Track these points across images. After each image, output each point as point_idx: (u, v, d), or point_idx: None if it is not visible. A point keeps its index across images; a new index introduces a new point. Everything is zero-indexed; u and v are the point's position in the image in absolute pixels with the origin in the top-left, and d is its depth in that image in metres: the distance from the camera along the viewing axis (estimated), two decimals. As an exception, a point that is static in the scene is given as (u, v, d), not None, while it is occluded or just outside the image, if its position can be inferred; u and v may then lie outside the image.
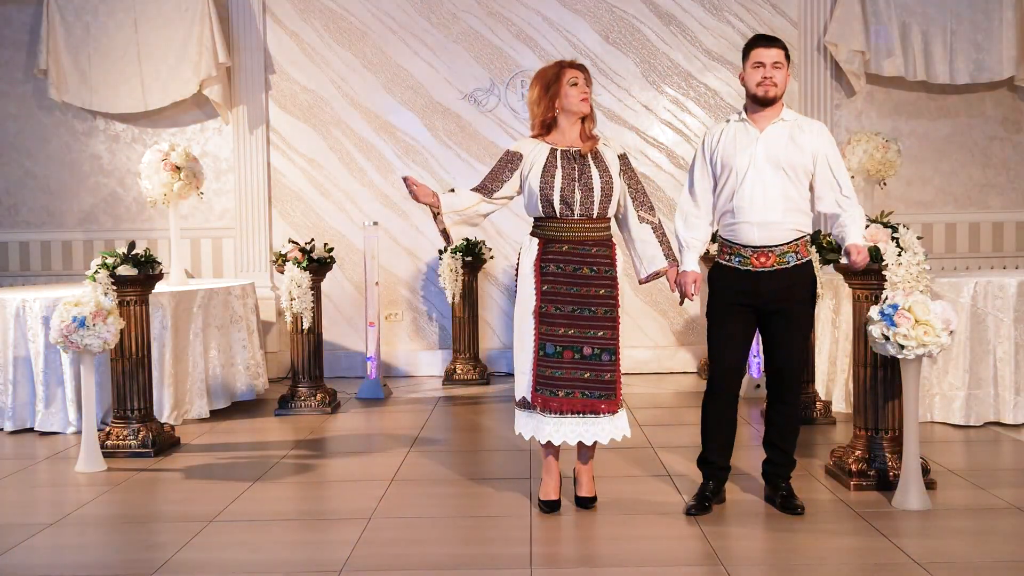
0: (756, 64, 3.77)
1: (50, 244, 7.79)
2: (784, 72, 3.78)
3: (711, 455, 3.96)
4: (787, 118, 3.81)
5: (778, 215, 3.73)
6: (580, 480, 4.02)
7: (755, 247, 3.76)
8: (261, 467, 4.78)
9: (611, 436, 3.87)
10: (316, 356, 6.27)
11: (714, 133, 3.90)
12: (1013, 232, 7.64)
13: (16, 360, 5.62)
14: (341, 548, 3.54)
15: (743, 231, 3.77)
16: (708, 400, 3.96)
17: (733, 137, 3.82)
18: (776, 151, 3.75)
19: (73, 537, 3.78)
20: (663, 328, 7.57)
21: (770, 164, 3.74)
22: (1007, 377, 5.39)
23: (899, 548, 3.42)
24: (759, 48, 3.79)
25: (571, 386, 3.82)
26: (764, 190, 3.73)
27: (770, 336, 3.87)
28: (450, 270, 7.06)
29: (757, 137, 3.78)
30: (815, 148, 3.77)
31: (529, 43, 7.54)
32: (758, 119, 3.81)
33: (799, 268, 3.79)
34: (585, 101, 3.87)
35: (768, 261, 3.76)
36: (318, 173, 7.66)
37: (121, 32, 7.45)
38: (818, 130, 3.82)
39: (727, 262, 3.84)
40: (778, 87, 3.76)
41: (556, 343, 3.82)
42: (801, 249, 3.79)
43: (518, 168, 3.90)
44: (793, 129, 3.79)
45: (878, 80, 7.48)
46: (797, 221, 3.77)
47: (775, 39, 3.84)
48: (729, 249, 3.84)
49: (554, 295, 3.82)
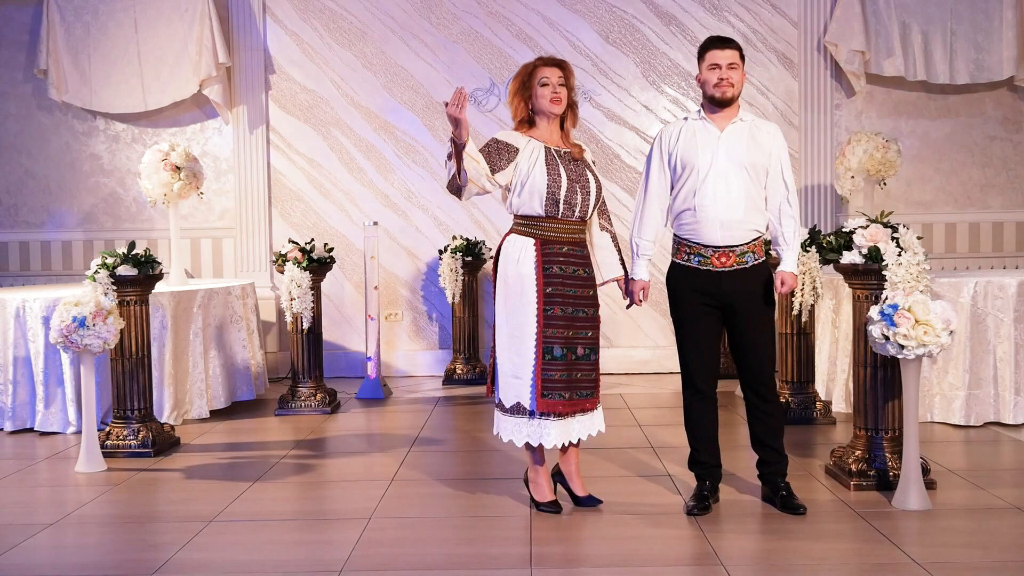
0: (712, 66, 3.81)
1: (50, 244, 7.79)
2: (740, 72, 3.82)
3: (701, 455, 3.97)
4: (745, 118, 3.86)
5: (740, 214, 3.77)
6: (574, 481, 4.00)
7: (716, 247, 3.78)
8: (261, 467, 4.78)
9: (589, 432, 3.91)
10: (316, 356, 6.27)
11: (672, 132, 3.91)
12: (1013, 232, 7.64)
13: (16, 360, 5.62)
14: (341, 548, 3.54)
15: (705, 230, 3.79)
16: (688, 403, 3.98)
17: (693, 136, 3.84)
18: (739, 150, 3.79)
19: (73, 537, 3.78)
20: (663, 328, 7.57)
21: (733, 163, 3.78)
22: (1007, 377, 5.39)
23: (899, 548, 3.42)
24: (714, 50, 3.82)
25: (571, 388, 3.82)
26: (727, 189, 3.76)
27: (739, 338, 3.89)
28: (450, 270, 7.06)
29: (718, 136, 3.81)
30: (772, 149, 3.83)
31: (529, 43, 7.54)
32: (717, 119, 3.84)
33: (756, 268, 3.84)
34: (556, 102, 3.81)
35: (728, 261, 3.79)
36: (318, 173, 7.66)
37: (121, 32, 7.46)
38: (774, 131, 3.88)
39: (686, 262, 3.86)
40: (735, 87, 3.80)
41: (560, 345, 3.80)
42: (758, 249, 3.84)
43: (515, 160, 3.77)
44: (752, 129, 3.84)
45: (878, 80, 7.48)
46: (756, 221, 3.82)
47: (729, 40, 3.88)
48: (688, 249, 3.85)
49: (558, 297, 3.79)
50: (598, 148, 7.57)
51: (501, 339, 3.85)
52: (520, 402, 3.82)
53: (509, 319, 3.82)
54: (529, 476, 4.00)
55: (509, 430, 3.86)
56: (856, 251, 4.20)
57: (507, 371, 3.84)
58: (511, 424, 3.85)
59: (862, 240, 4.20)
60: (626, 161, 7.57)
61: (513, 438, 3.85)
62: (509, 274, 3.81)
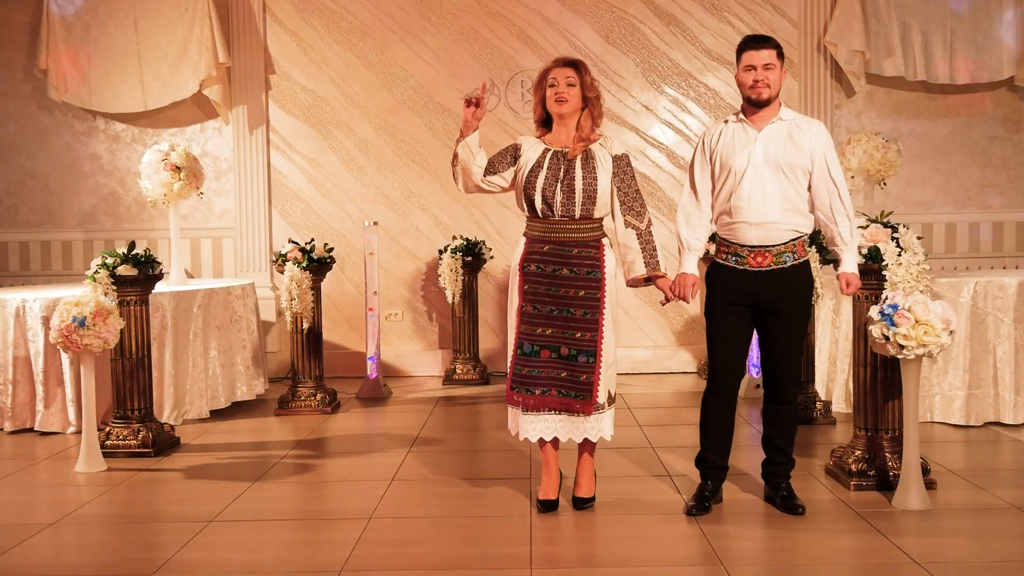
0: (748, 67, 3.78)
1: (50, 244, 7.78)
2: (777, 72, 3.78)
3: (710, 455, 3.97)
4: (785, 117, 3.81)
5: (776, 215, 3.74)
6: (578, 481, 4.02)
7: (752, 247, 3.77)
8: (261, 467, 4.78)
9: (586, 435, 3.86)
10: (316, 356, 6.27)
11: (713, 133, 3.91)
12: (1013, 232, 7.64)
13: (16, 360, 5.61)
14: (341, 548, 3.54)
15: (740, 231, 3.78)
16: (708, 399, 3.96)
17: (732, 137, 3.83)
18: (774, 151, 3.75)
19: (73, 537, 3.78)
20: (663, 328, 7.57)
21: (768, 164, 3.74)
22: (1007, 377, 5.39)
23: (899, 548, 3.42)
24: (750, 51, 3.79)
25: (548, 384, 3.82)
26: (762, 190, 3.73)
27: (767, 336, 3.87)
28: (450, 270, 7.06)
29: (755, 137, 3.78)
30: (813, 148, 3.77)
31: (529, 43, 7.54)
32: (756, 119, 3.82)
33: (796, 268, 3.80)
34: (561, 103, 3.83)
35: (765, 261, 3.77)
36: (318, 173, 7.66)
37: (121, 32, 7.45)
38: (816, 130, 3.81)
39: (725, 261, 3.86)
40: (771, 88, 3.76)
41: (534, 342, 3.84)
42: (798, 249, 3.80)
43: (515, 162, 3.94)
44: (792, 128, 3.79)
45: (878, 80, 7.48)
46: (795, 222, 3.78)
47: (766, 39, 3.84)
48: (727, 248, 3.85)
49: (534, 295, 3.84)
50: (598, 148, 7.56)
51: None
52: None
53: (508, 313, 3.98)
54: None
55: (509, 419, 3.99)
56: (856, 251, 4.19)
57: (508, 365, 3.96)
58: (509, 413, 3.98)
59: (862, 240, 4.20)
60: (626, 161, 7.56)
61: (510, 427, 3.98)
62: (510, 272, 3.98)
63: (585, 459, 4.00)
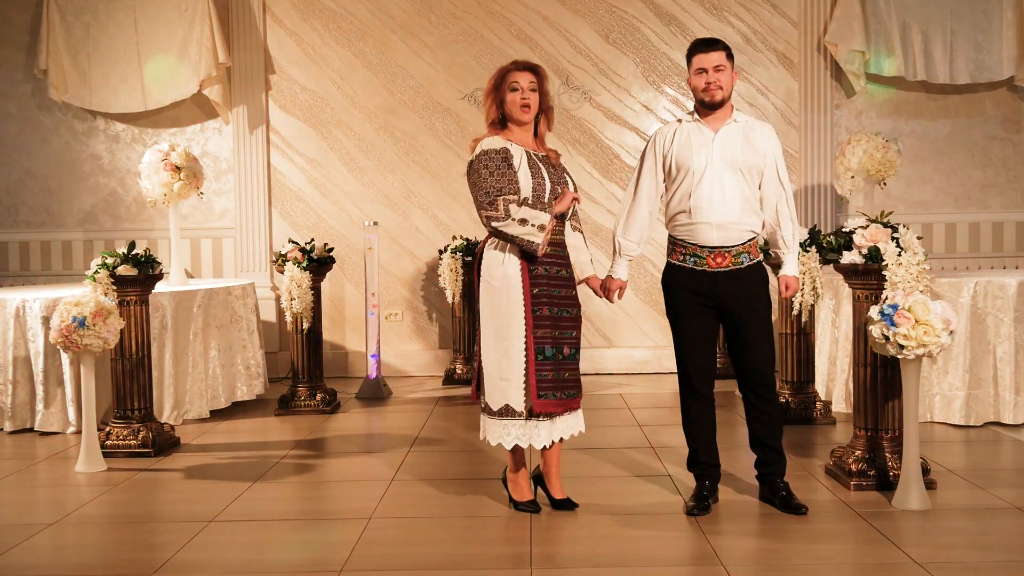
0: (699, 70, 3.82)
1: (50, 244, 7.79)
2: (728, 73, 3.82)
3: (701, 456, 3.98)
4: (739, 119, 3.86)
5: (735, 215, 3.78)
6: (552, 482, 3.98)
7: (712, 247, 3.79)
8: (261, 467, 4.78)
9: (573, 432, 3.91)
10: (316, 356, 6.27)
11: (666, 134, 3.92)
12: (1013, 232, 7.64)
13: (16, 360, 5.62)
14: (341, 548, 3.54)
15: (700, 231, 3.80)
16: (686, 403, 3.98)
17: (687, 138, 3.85)
18: (732, 152, 3.79)
19: (73, 537, 3.78)
20: (663, 328, 7.56)
21: (727, 165, 3.78)
22: (1007, 377, 5.39)
23: (899, 548, 3.42)
24: (699, 54, 3.83)
25: (559, 387, 3.82)
26: (722, 190, 3.77)
27: (736, 338, 3.89)
28: (450, 270, 7.06)
29: (712, 138, 3.81)
30: (767, 149, 3.84)
31: (529, 43, 7.54)
32: (710, 120, 3.85)
33: (752, 268, 3.85)
34: (527, 109, 3.79)
35: (724, 261, 3.80)
36: (318, 173, 7.66)
37: (121, 32, 7.45)
38: (768, 132, 3.88)
39: (681, 262, 3.87)
40: (723, 90, 3.80)
41: (551, 345, 3.80)
42: (753, 250, 3.85)
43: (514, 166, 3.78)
44: (746, 130, 3.84)
45: (878, 80, 7.48)
46: (751, 222, 3.83)
47: (715, 42, 3.87)
48: (684, 249, 3.86)
49: (545, 297, 3.80)
50: (598, 148, 7.57)
51: (487, 342, 3.81)
52: (509, 404, 3.78)
53: (495, 321, 3.79)
54: (508, 476, 3.99)
55: (497, 433, 3.81)
56: (856, 251, 4.20)
57: (493, 374, 3.80)
58: (499, 427, 3.81)
59: (862, 240, 4.20)
60: (626, 161, 7.57)
61: (502, 441, 3.80)
62: (494, 276, 3.79)
63: (558, 458, 3.97)
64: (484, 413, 3.87)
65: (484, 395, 3.86)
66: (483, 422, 3.88)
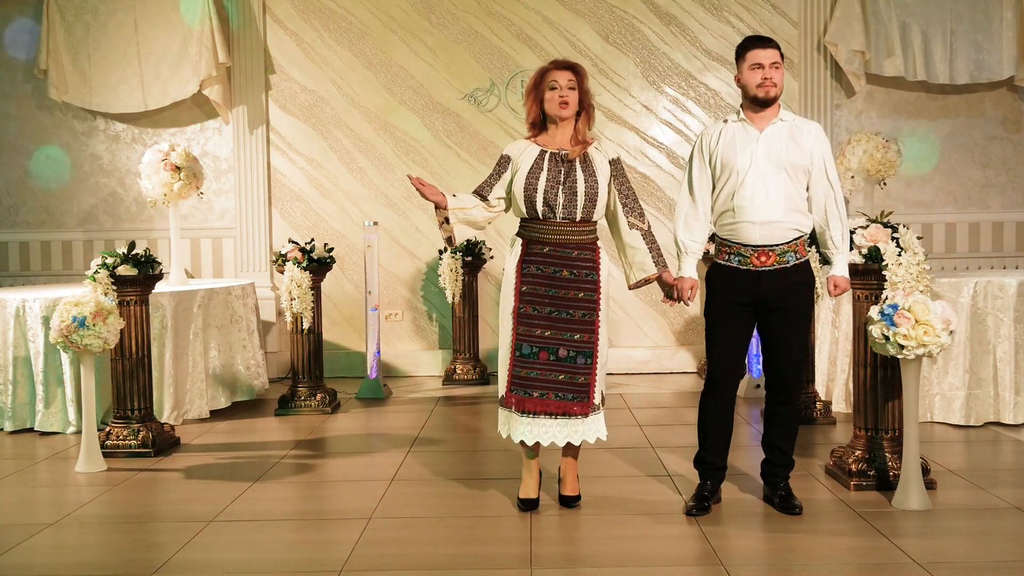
0: (755, 66, 3.78)
1: (50, 244, 7.78)
2: (782, 72, 3.80)
3: (708, 455, 3.97)
4: (785, 118, 3.83)
5: (779, 214, 3.74)
6: (564, 479, 4.03)
7: (756, 246, 3.77)
8: (261, 467, 4.78)
9: (584, 437, 3.87)
10: (316, 356, 6.27)
11: (712, 133, 3.90)
12: (1013, 232, 7.64)
13: (16, 360, 5.62)
14: (341, 548, 3.54)
15: (744, 230, 3.78)
16: (706, 399, 3.96)
17: (732, 137, 3.83)
18: (777, 151, 3.76)
19: (73, 537, 3.78)
20: (663, 328, 7.57)
21: (771, 164, 3.75)
22: (1007, 377, 5.39)
23: (899, 548, 3.42)
24: (756, 49, 3.80)
25: (545, 387, 3.82)
26: (766, 190, 3.74)
27: (770, 336, 3.87)
28: (450, 270, 7.06)
29: (757, 137, 3.79)
30: (814, 149, 3.80)
31: (529, 43, 7.54)
32: (756, 119, 3.82)
33: (798, 268, 3.81)
34: (565, 106, 3.83)
35: (768, 260, 3.77)
36: (318, 173, 7.66)
37: (121, 32, 7.45)
38: (816, 131, 3.84)
39: (726, 262, 3.85)
40: (778, 87, 3.77)
41: (533, 344, 3.82)
42: (799, 249, 3.81)
43: (507, 170, 3.92)
44: (792, 129, 3.80)
45: (878, 80, 7.48)
46: (796, 221, 3.78)
47: (770, 40, 3.85)
48: (728, 249, 3.84)
49: (532, 296, 3.83)
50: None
51: (500, 334, 3.97)
52: (502, 395, 3.91)
53: (500, 315, 3.95)
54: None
55: (500, 421, 3.96)
56: (856, 251, 4.20)
57: (500, 363, 3.94)
58: (500, 416, 3.95)
59: (862, 240, 4.20)
60: (626, 161, 7.56)
61: (501, 430, 3.96)
62: (503, 272, 3.97)
63: (571, 459, 4.01)
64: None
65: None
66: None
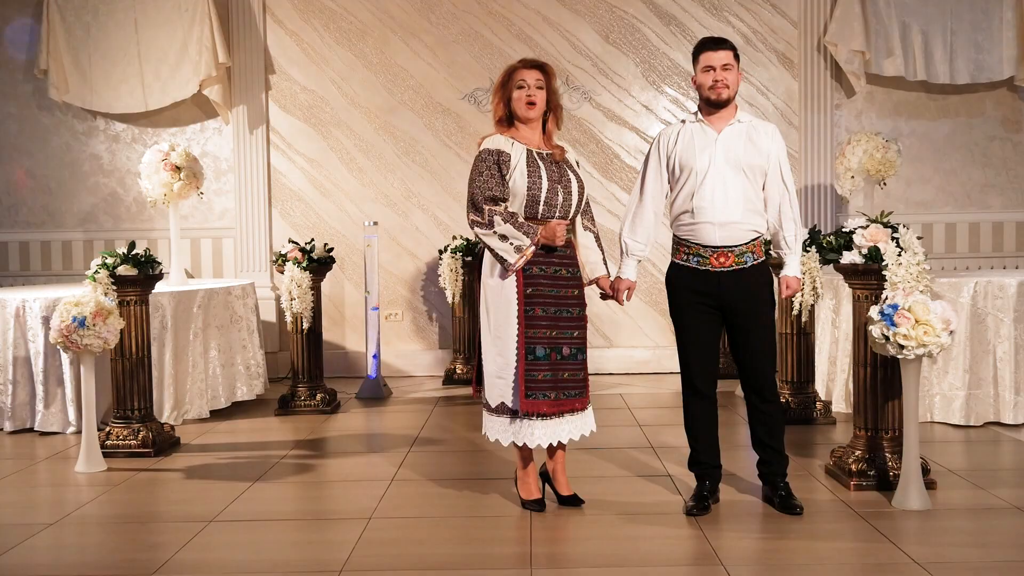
0: (706, 68, 3.82)
1: (50, 244, 7.78)
2: (735, 73, 3.83)
3: (701, 455, 3.98)
4: (743, 120, 3.86)
5: (738, 215, 3.78)
6: (558, 478, 4.02)
7: (715, 247, 3.80)
8: (261, 467, 4.78)
9: (581, 432, 3.90)
10: (316, 356, 6.27)
11: (670, 134, 3.93)
12: (1013, 232, 7.63)
13: (16, 360, 5.62)
14: (341, 548, 3.54)
15: (703, 231, 3.80)
16: (688, 402, 3.98)
17: (691, 138, 3.85)
18: (736, 152, 3.80)
19: (73, 537, 3.78)
20: (663, 328, 7.57)
21: (730, 165, 3.79)
22: (1007, 377, 5.39)
23: (899, 548, 3.42)
24: (707, 52, 3.83)
25: (556, 388, 3.82)
26: (725, 191, 3.77)
27: (738, 338, 3.90)
28: (450, 270, 7.06)
29: (715, 138, 3.82)
30: (770, 150, 3.84)
31: (529, 43, 7.54)
32: (714, 120, 3.85)
33: (756, 268, 3.85)
34: (532, 106, 3.81)
35: (727, 261, 3.80)
36: (318, 173, 7.66)
37: (121, 32, 7.45)
38: (772, 132, 3.88)
39: (685, 262, 3.88)
40: (730, 88, 3.81)
41: (544, 345, 3.80)
42: (757, 250, 3.85)
43: (509, 168, 3.79)
44: (749, 130, 3.85)
45: (878, 80, 7.48)
46: (755, 222, 3.83)
47: (723, 41, 3.88)
48: (687, 249, 3.86)
49: (539, 297, 3.80)
50: (598, 148, 7.57)
51: (485, 340, 3.86)
52: (504, 402, 3.83)
53: (492, 320, 3.83)
54: (518, 474, 4.02)
55: (496, 430, 3.88)
56: (856, 251, 4.20)
57: (491, 371, 3.85)
58: (497, 424, 3.87)
59: (862, 240, 4.20)
60: (626, 161, 7.57)
61: (499, 438, 3.86)
62: (493, 275, 3.83)
63: (562, 456, 4.01)
64: (484, 409, 3.92)
65: (484, 391, 3.91)
66: (484, 418, 3.94)
